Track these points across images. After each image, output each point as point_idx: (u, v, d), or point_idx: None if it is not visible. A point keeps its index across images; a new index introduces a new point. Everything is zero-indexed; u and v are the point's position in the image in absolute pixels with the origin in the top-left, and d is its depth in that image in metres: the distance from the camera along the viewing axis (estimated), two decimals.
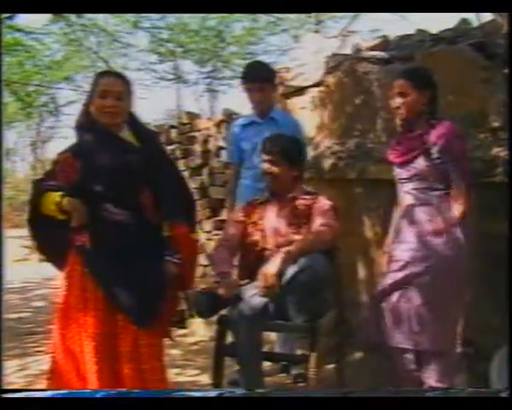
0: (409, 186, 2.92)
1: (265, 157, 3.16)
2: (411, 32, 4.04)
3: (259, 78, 3.56)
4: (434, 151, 2.82)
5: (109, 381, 2.57)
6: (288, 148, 3.16)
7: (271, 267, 2.85)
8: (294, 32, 15.26)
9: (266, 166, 3.15)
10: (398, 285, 2.86)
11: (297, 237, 3.02)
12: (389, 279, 2.91)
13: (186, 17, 14.64)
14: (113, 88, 2.65)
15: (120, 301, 2.58)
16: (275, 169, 3.12)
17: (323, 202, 3.08)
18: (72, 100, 17.79)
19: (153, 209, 2.67)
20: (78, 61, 15.09)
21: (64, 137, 19.98)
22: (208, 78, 16.43)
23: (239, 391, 2.24)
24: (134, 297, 2.57)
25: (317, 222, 3.01)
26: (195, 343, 4.56)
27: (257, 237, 3.12)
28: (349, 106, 3.88)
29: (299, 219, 3.07)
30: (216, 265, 3.16)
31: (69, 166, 2.67)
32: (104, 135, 2.68)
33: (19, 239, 12.31)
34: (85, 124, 2.72)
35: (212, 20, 14.99)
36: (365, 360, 3.53)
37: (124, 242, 2.61)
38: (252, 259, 3.09)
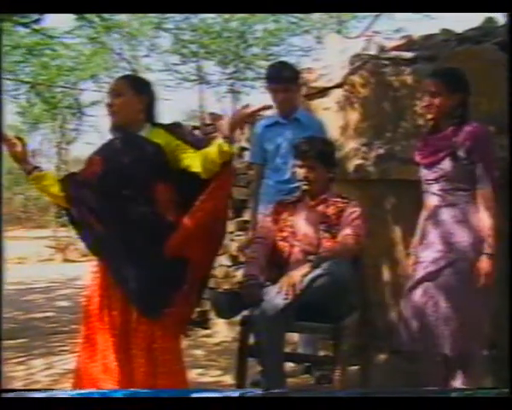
0: (435, 187, 2.89)
1: (301, 162, 3.12)
2: (436, 31, 4.01)
3: (284, 78, 3.55)
4: (462, 152, 2.79)
5: (125, 383, 2.60)
6: (324, 150, 3.15)
7: (298, 272, 2.85)
8: (316, 32, 15.23)
9: (303, 170, 3.11)
10: (423, 287, 2.84)
11: (326, 238, 3.03)
12: (415, 281, 2.88)
13: (208, 18, 14.70)
14: (112, 87, 2.80)
15: (132, 293, 2.62)
16: (312, 173, 3.10)
17: (353, 209, 3.07)
18: (95, 101, 17.94)
19: (167, 203, 2.70)
20: (101, 63, 15.21)
21: (88, 139, 20.19)
22: (230, 79, 16.46)
23: (261, 392, 2.24)
24: (145, 289, 2.60)
25: (345, 231, 3.01)
26: (218, 344, 4.57)
27: (286, 237, 3.12)
28: (373, 106, 3.86)
29: (329, 222, 3.06)
30: (247, 264, 3.17)
31: (94, 164, 2.76)
32: (121, 133, 2.79)
33: (43, 239, 12.46)
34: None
35: (235, 21, 15.03)
36: (389, 361, 3.51)
37: (137, 235, 2.65)
38: (280, 259, 3.10)
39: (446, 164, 2.83)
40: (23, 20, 5.51)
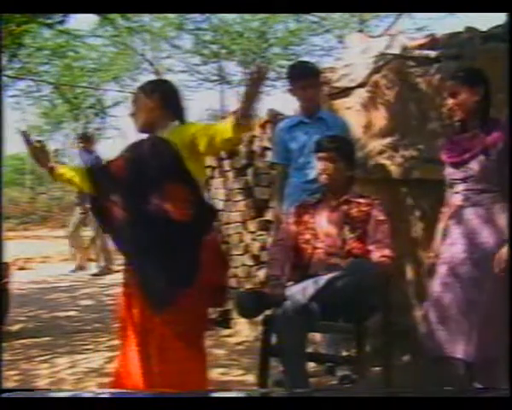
0: (462, 187, 2.87)
1: (322, 155, 3.13)
2: (460, 29, 3.96)
3: (306, 77, 3.55)
4: (493, 152, 2.77)
5: (144, 382, 2.62)
6: (344, 148, 3.16)
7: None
8: (338, 32, 15.19)
9: (323, 164, 3.13)
10: (447, 287, 2.81)
11: (351, 239, 3.02)
12: (438, 282, 2.86)
13: (229, 19, 14.74)
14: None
15: (143, 285, 2.67)
16: (331, 168, 3.10)
17: (381, 217, 3.06)
18: (117, 101, 18.07)
19: (178, 203, 2.71)
20: (123, 64, 15.33)
21: (110, 138, 20.31)
22: None
23: (284, 392, 2.23)
24: (153, 282, 2.64)
25: (383, 251, 2.99)
26: (240, 343, 4.57)
27: (308, 238, 3.11)
28: (396, 106, 3.83)
29: (353, 223, 3.05)
30: (269, 265, 3.18)
31: (120, 162, 2.83)
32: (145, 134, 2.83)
33: (67, 239, 12.54)
34: None
35: (255, 21, 15.05)
36: (412, 362, 3.48)
37: (149, 232, 2.68)
38: (302, 260, 3.09)
39: (476, 164, 2.81)
40: (48, 22, 5.57)
